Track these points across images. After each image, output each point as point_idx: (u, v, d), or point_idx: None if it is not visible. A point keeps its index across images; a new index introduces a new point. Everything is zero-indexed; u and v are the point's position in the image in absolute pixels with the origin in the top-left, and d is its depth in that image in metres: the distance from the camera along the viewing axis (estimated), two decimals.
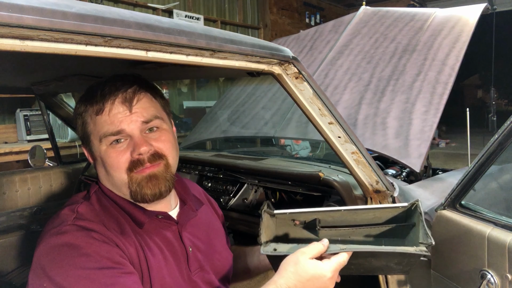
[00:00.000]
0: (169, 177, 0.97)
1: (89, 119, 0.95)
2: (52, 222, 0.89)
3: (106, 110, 0.92)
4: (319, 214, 1.07)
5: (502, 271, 0.97)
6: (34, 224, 2.03)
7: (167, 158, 0.96)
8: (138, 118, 0.93)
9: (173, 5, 5.67)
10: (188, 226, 1.06)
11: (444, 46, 2.04)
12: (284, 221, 1.10)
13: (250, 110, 2.63)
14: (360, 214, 1.05)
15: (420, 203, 0.99)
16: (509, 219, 1.02)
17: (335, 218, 1.06)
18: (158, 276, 0.92)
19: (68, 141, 4.00)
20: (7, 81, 1.57)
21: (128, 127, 0.92)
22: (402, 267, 0.93)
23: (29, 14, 0.53)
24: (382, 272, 0.98)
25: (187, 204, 1.09)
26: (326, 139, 1.17)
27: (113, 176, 0.93)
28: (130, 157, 0.91)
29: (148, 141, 0.93)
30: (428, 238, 0.87)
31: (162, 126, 0.98)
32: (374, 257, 0.92)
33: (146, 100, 0.96)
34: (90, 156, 1.00)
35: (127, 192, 0.94)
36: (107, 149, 0.92)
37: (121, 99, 0.93)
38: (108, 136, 0.91)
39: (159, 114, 0.98)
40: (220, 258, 1.13)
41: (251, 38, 0.93)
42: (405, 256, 0.89)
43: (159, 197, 0.95)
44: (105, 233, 0.86)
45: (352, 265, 0.93)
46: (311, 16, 8.41)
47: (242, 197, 1.91)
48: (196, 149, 2.64)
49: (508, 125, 0.95)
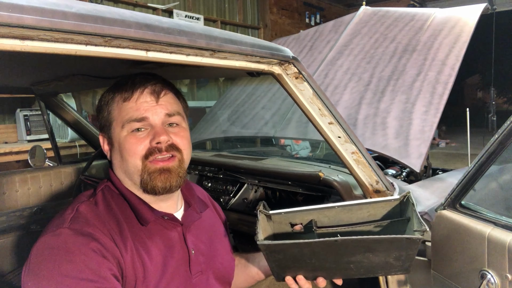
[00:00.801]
0: (181, 173, 0.98)
1: (115, 106, 0.98)
2: (53, 221, 0.90)
3: (134, 98, 0.96)
4: (314, 214, 1.06)
5: (502, 271, 0.97)
6: (34, 224, 2.03)
7: (183, 153, 0.99)
8: (163, 110, 0.97)
9: (173, 5, 5.67)
10: (192, 229, 1.06)
11: (444, 46, 2.04)
12: (281, 221, 1.10)
13: (250, 110, 2.63)
14: (355, 211, 1.05)
15: (411, 194, 0.99)
16: (509, 219, 1.02)
17: (330, 218, 1.07)
18: (154, 280, 0.92)
19: (68, 141, 4.00)
20: (7, 81, 1.57)
21: (152, 117, 0.95)
22: (402, 262, 0.92)
23: (29, 14, 0.53)
24: (382, 272, 0.98)
25: (191, 206, 1.10)
26: (326, 139, 1.18)
27: (128, 162, 0.95)
28: (148, 145, 0.94)
29: (168, 133, 0.96)
30: (422, 225, 0.87)
31: (182, 124, 1.02)
32: (371, 252, 0.91)
33: (171, 96, 1.01)
34: (108, 142, 1.01)
35: (138, 180, 0.95)
36: (127, 135, 0.95)
37: (150, 90, 0.97)
38: (132, 122, 0.94)
39: (181, 112, 1.02)
40: (222, 261, 1.13)
41: (251, 38, 0.93)
42: (401, 244, 0.88)
43: (168, 191, 0.96)
44: (100, 238, 0.86)
45: (351, 264, 0.93)
46: (311, 16, 8.41)
47: (242, 197, 1.91)
48: (196, 149, 2.64)
49: (508, 125, 0.95)
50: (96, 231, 0.87)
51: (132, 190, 0.98)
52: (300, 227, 1.10)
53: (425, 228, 0.87)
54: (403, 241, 0.87)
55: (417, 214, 0.93)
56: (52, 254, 0.81)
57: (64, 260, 0.80)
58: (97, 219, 0.90)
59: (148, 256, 0.93)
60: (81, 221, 0.88)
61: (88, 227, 0.86)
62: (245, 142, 3.32)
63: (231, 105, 2.80)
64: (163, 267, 0.94)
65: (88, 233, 0.85)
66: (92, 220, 0.89)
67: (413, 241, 0.86)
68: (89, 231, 0.85)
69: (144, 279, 0.90)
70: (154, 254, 0.94)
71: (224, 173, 2.00)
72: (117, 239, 0.89)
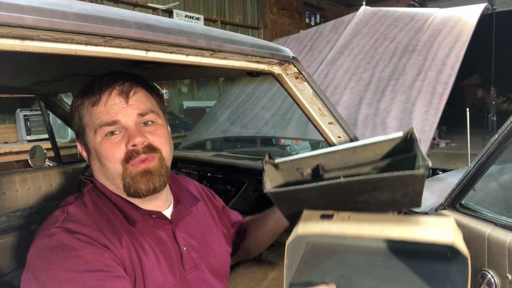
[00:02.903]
0: (163, 172, 0.96)
1: (85, 111, 0.95)
2: (43, 224, 0.89)
3: (103, 101, 0.92)
4: (320, 158, 1.05)
5: (502, 271, 0.97)
6: (34, 224, 2.03)
7: (161, 152, 0.96)
8: (134, 110, 0.93)
9: (173, 5, 5.67)
10: (182, 225, 1.05)
11: (444, 46, 2.04)
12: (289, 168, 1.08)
13: (250, 110, 2.63)
14: (360, 152, 1.02)
15: (414, 129, 0.97)
16: (509, 219, 1.02)
17: (337, 161, 1.04)
18: (151, 276, 0.91)
19: (68, 141, 4.00)
20: (7, 81, 1.57)
21: (124, 119, 0.92)
22: (410, 198, 0.91)
23: (29, 14, 0.53)
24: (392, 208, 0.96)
25: (181, 202, 1.08)
26: (326, 139, 1.18)
27: (108, 168, 0.93)
28: (125, 149, 0.91)
29: (142, 133, 0.93)
30: (425, 160, 0.85)
31: (157, 120, 0.98)
32: (377, 191, 0.89)
33: (142, 94, 0.97)
34: (84, 149, 0.99)
35: (120, 184, 0.93)
36: (102, 140, 0.92)
37: (118, 91, 0.93)
38: (103, 126, 0.91)
39: (155, 109, 0.99)
40: (216, 255, 1.12)
41: (251, 38, 0.93)
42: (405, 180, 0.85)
43: (153, 192, 0.94)
44: (94, 236, 0.85)
45: (359, 204, 0.92)
46: (311, 16, 8.41)
47: (242, 197, 1.91)
48: (196, 149, 2.64)
49: (508, 125, 0.95)
50: (89, 230, 0.86)
51: (117, 193, 0.97)
52: (309, 173, 1.08)
53: (428, 163, 0.83)
54: (407, 177, 0.84)
55: (420, 150, 0.90)
56: (49, 254, 0.80)
57: (64, 257, 0.79)
58: (88, 218, 0.89)
59: (144, 253, 0.92)
60: (73, 221, 0.87)
61: (81, 226, 0.86)
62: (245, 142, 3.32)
63: (231, 105, 2.80)
64: (158, 265, 0.94)
65: (82, 231, 0.85)
66: (84, 220, 0.88)
67: (416, 176, 0.83)
68: (82, 230, 0.85)
69: (143, 275, 0.89)
70: (148, 252, 0.93)
71: (224, 173, 2.00)
72: (111, 236, 0.88)
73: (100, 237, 0.86)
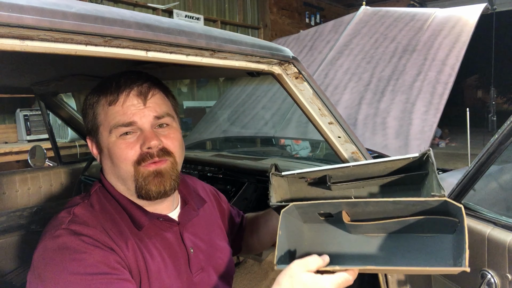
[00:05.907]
0: (174, 176, 0.96)
1: (100, 110, 0.94)
2: (49, 225, 0.88)
3: (120, 101, 0.91)
4: (329, 172, 1.04)
5: (502, 271, 0.97)
6: (34, 224, 2.03)
7: (175, 156, 0.96)
8: (151, 112, 0.93)
9: (173, 5, 5.67)
10: (189, 227, 1.05)
11: (444, 46, 2.04)
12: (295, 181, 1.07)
13: (250, 110, 2.63)
14: (371, 167, 1.01)
15: (431, 152, 0.94)
16: (509, 219, 1.02)
17: (345, 173, 1.03)
18: (157, 279, 0.91)
19: (68, 141, 4.00)
20: (7, 81, 1.57)
21: (140, 120, 0.91)
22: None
23: (29, 14, 0.53)
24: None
25: (188, 203, 1.08)
26: (326, 139, 1.18)
27: (120, 168, 0.92)
28: (139, 150, 0.91)
29: (158, 136, 0.93)
30: (441, 189, 0.84)
31: (172, 124, 0.98)
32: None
33: (159, 96, 0.97)
34: (96, 148, 0.98)
35: (132, 186, 0.93)
36: (116, 140, 0.91)
37: (136, 92, 0.92)
38: (119, 127, 0.91)
39: (170, 112, 0.99)
40: (222, 256, 1.12)
41: (251, 38, 0.93)
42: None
43: (163, 195, 0.94)
44: (100, 238, 0.84)
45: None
46: (311, 16, 8.42)
47: (242, 197, 1.91)
48: (196, 149, 2.64)
49: (508, 125, 0.95)
50: (95, 232, 0.85)
51: (125, 195, 0.96)
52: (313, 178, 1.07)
53: (443, 193, 0.83)
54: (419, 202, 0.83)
55: (436, 175, 0.88)
56: (55, 256, 0.80)
57: (69, 259, 0.79)
58: (94, 220, 0.89)
59: (150, 256, 0.92)
60: (79, 222, 0.86)
61: (87, 228, 0.85)
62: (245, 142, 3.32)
63: (231, 105, 2.81)
64: (164, 268, 0.94)
65: (87, 233, 0.84)
66: (90, 221, 0.88)
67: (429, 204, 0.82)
68: (88, 232, 0.84)
69: (149, 279, 0.89)
70: (154, 254, 0.93)
71: (224, 173, 2.00)
72: (117, 238, 0.88)
73: (106, 239, 0.85)
